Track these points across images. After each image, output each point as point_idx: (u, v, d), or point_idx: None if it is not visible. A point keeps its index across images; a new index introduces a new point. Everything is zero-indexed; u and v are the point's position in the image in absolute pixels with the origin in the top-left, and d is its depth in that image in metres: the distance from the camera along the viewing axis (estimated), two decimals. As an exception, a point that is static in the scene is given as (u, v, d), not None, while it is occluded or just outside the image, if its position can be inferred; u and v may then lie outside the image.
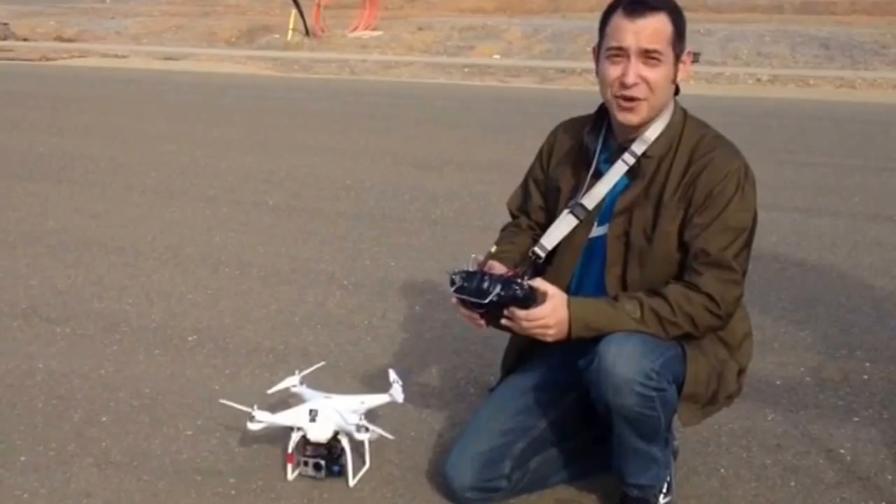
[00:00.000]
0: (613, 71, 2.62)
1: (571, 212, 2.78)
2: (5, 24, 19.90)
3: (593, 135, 2.79)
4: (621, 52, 2.59)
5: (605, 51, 2.64)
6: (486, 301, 2.52)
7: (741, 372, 2.79)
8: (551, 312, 2.53)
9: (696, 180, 2.61)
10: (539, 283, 2.57)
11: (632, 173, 2.71)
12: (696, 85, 12.76)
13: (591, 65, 2.81)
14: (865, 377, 3.78)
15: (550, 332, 2.55)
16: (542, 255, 2.82)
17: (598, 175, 2.76)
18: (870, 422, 3.41)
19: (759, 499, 2.92)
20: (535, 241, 2.88)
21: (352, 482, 2.95)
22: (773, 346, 4.03)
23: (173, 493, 2.93)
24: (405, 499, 2.91)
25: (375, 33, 19.29)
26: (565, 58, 15.84)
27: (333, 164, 7.87)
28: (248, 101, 11.77)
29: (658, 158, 2.67)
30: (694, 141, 2.67)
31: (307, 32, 18.84)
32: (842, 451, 3.21)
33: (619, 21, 2.59)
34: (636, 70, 2.58)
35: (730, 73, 13.99)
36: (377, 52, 17.29)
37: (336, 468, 2.96)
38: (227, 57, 16.92)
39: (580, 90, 11.96)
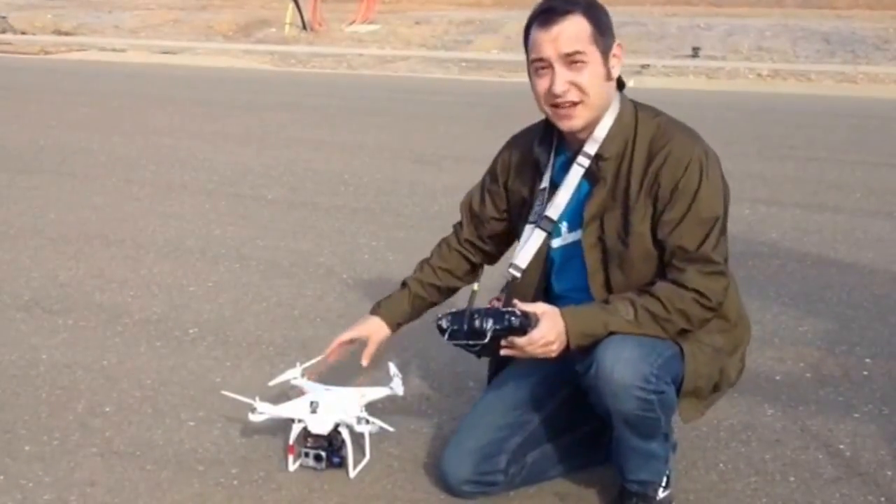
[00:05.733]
0: (542, 83, 2.61)
1: (538, 225, 2.75)
2: (3, 17, 19.91)
3: (543, 146, 2.76)
4: (544, 63, 2.58)
5: (531, 65, 2.63)
6: (486, 341, 2.47)
7: (742, 354, 2.79)
8: (549, 329, 2.50)
9: (658, 175, 2.58)
10: (527, 305, 2.54)
11: (592, 178, 2.67)
12: (696, 80, 12.77)
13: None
14: (865, 373, 3.79)
15: (553, 347, 2.53)
16: (518, 274, 2.76)
17: (555, 185, 2.73)
18: (869, 418, 3.41)
19: (758, 493, 2.93)
20: (479, 262, 3.02)
21: (352, 473, 2.96)
22: (772, 341, 4.04)
23: (176, 483, 2.95)
24: (405, 490, 2.92)
25: (373, 27, 19.27)
26: (564, 53, 15.79)
27: (331, 158, 7.87)
28: (245, 95, 11.77)
29: (617, 158, 2.63)
30: (650, 133, 2.62)
31: (304, 26, 18.83)
32: (841, 446, 3.21)
33: (537, 33, 2.59)
34: (563, 77, 2.57)
35: (730, 67, 13.98)
36: (374, 46, 17.28)
37: (336, 459, 2.97)
38: (224, 51, 16.90)
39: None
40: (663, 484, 2.76)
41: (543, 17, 2.58)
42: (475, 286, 2.72)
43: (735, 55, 15.30)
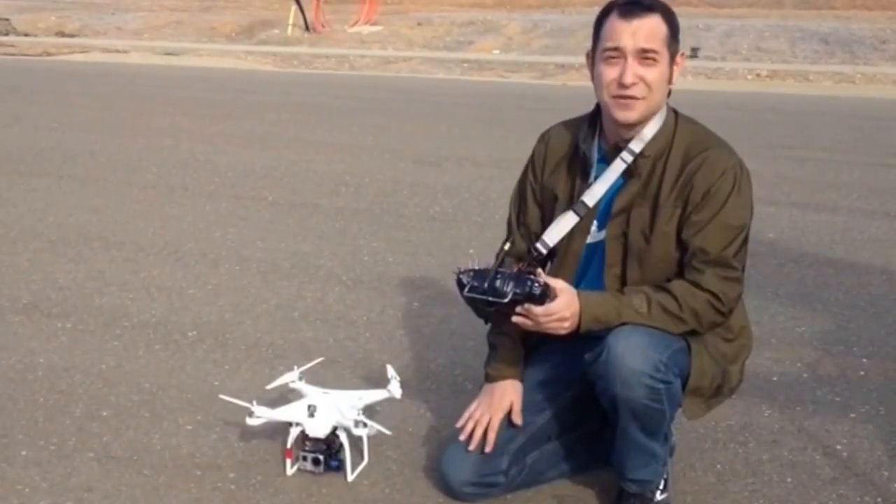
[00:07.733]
0: (611, 72, 2.63)
1: (573, 210, 2.78)
2: (6, 19, 19.97)
3: (588, 142, 2.79)
4: (618, 53, 2.61)
5: (602, 52, 2.64)
6: (506, 301, 2.48)
7: (742, 364, 2.82)
8: (566, 306, 2.54)
9: (692, 179, 2.63)
10: (547, 278, 2.57)
11: (628, 173, 2.71)
12: (696, 80, 12.77)
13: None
14: (862, 373, 3.79)
15: (566, 324, 2.55)
16: (544, 251, 2.82)
17: (594, 176, 2.77)
18: (866, 418, 3.42)
19: (755, 494, 2.94)
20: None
21: (350, 477, 2.96)
22: (770, 341, 4.04)
23: (173, 488, 2.95)
24: (403, 493, 2.92)
25: (375, 28, 19.31)
26: (564, 53, 15.84)
27: (333, 159, 7.88)
28: (247, 96, 11.78)
29: (654, 158, 2.68)
30: (688, 139, 2.68)
31: (307, 27, 18.88)
32: (838, 447, 3.22)
33: (615, 22, 2.61)
34: (633, 70, 2.59)
35: (729, 68, 14.00)
36: (377, 47, 17.32)
37: (334, 463, 2.97)
38: (227, 52, 16.95)
39: (579, 85, 11.92)
40: (661, 486, 2.78)
41: (626, 8, 2.61)
42: (507, 246, 2.75)
43: (734, 56, 15.33)
